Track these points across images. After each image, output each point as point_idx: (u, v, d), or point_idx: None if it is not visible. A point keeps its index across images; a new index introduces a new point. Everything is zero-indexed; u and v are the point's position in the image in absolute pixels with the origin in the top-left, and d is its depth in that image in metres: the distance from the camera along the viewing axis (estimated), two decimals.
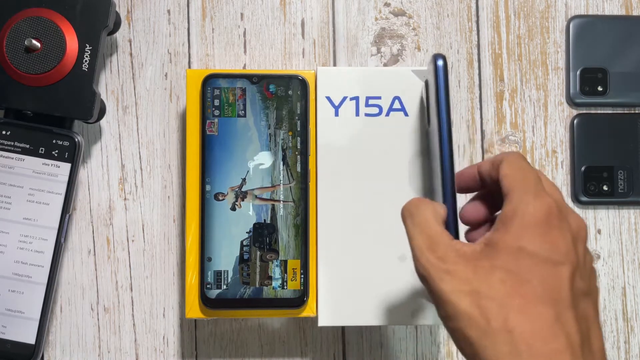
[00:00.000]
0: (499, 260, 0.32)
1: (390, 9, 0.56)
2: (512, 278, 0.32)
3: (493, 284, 0.32)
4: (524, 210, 0.33)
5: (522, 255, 0.32)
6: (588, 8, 0.57)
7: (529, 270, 0.32)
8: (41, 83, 0.49)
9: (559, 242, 0.33)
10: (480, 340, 0.31)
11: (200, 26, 0.56)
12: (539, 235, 0.32)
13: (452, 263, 0.33)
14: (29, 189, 0.50)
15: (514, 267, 0.32)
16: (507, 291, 0.31)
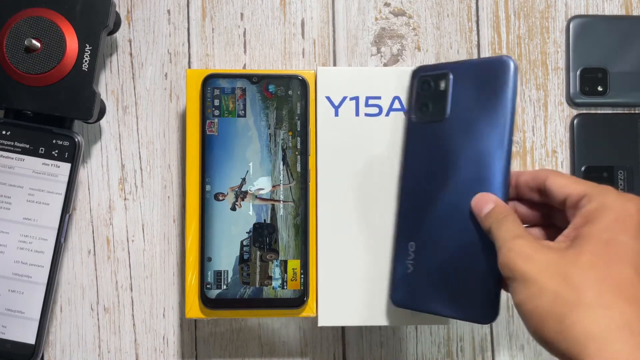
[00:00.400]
0: (588, 247, 0.32)
1: (390, 9, 0.56)
2: (603, 262, 0.32)
3: (583, 266, 0.32)
4: (615, 205, 0.34)
5: (613, 243, 0.32)
6: (588, 8, 0.57)
7: (621, 257, 0.32)
8: (41, 83, 0.49)
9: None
10: (572, 312, 0.30)
11: (200, 26, 0.56)
12: (632, 229, 0.33)
13: (537, 250, 0.33)
14: (29, 189, 0.50)
15: (605, 253, 0.32)
16: (599, 274, 0.31)
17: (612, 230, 0.33)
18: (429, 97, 0.45)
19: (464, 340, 0.55)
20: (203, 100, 0.48)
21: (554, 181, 0.37)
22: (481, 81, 0.42)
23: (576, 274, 0.31)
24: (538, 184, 0.39)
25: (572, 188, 0.36)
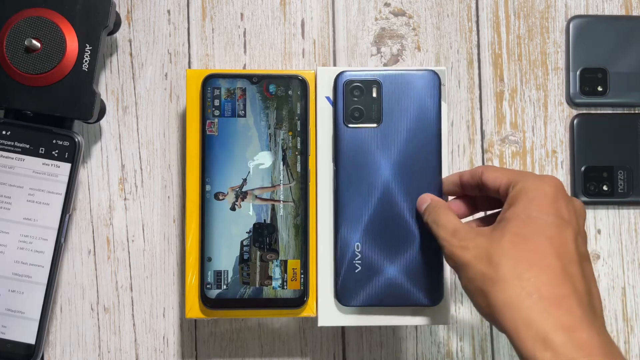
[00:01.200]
0: (508, 227, 0.37)
1: (390, 9, 0.56)
2: (520, 238, 0.36)
3: (503, 246, 0.36)
4: (532, 186, 0.38)
5: (530, 220, 0.36)
6: (588, 8, 0.57)
7: (536, 231, 0.36)
8: (41, 83, 0.49)
9: (563, 210, 0.37)
10: (492, 288, 0.35)
11: (200, 26, 0.56)
12: (545, 204, 0.37)
13: (471, 239, 0.38)
14: (29, 189, 0.50)
15: (522, 230, 0.36)
16: (517, 249, 0.35)
17: (529, 209, 0.37)
18: (361, 103, 0.47)
19: (464, 340, 0.55)
20: (203, 100, 0.48)
21: (488, 175, 0.41)
22: (409, 91, 0.48)
23: (497, 253, 0.36)
24: (476, 180, 0.42)
25: (501, 179, 0.40)
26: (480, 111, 0.56)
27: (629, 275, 0.56)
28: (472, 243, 0.38)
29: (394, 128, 0.47)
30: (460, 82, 0.56)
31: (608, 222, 0.56)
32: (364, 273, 0.47)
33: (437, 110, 0.47)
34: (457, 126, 0.56)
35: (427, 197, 0.45)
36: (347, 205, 0.47)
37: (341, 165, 0.47)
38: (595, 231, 0.56)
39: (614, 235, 0.56)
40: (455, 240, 0.39)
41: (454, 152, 0.55)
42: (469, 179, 0.43)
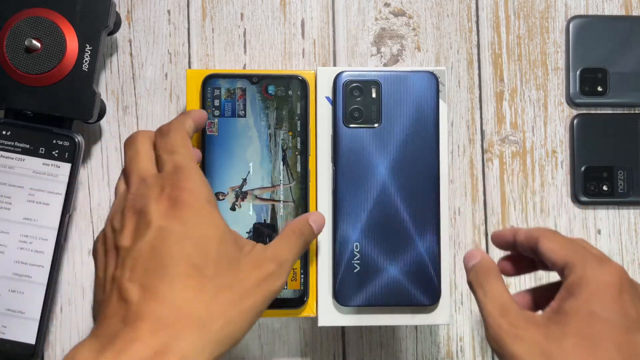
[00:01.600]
0: (571, 326, 0.32)
1: (390, 9, 0.56)
2: (586, 343, 0.32)
3: (566, 348, 0.32)
4: (593, 276, 0.33)
5: (594, 320, 0.32)
6: (588, 8, 0.57)
7: (603, 335, 0.32)
8: (41, 83, 0.49)
9: (629, 307, 0.33)
10: None
11: (200, 26, 0.56)
12: (610, 300, 0.33)
13: (523, 328, 0.33)
14: (29, 189, 0.50)
15: (587, 332, 0.32)
16: (582, 355, 0.31)
17: (591, 303, 0.33)
18: (361, 103, 0.47)
19: (464, 340, 0.55)
20: (203, 100, 0.48)
21: (545, 246, 0.36)
22: (408, 92, 0.47)
23: (560, 356, 0.32)
24: (531, 245, 0.38)
25: (557, 255, 0.36)
26: (480, 111, 0.56)
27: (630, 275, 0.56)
28: (526, 333, 0.33)
29: (394, 128, 0.47)
30: (460, 82, 0.56)
31: (608, 222, 0.56)
32: (363, 273, 0.47)
33: (435, 111, 0.47)
34: (457, 126, 0.56)
35: (477, 254, 0.39)
36: (346, 205, 0.47)
37: (340, 166, 0.47)
38: (595, 231, 0.56)
39: (614, 236, 0.56)
40: (505, 323, 0.34)
41: (454, 152, 0.55)
42: (523, 241, 0.38)
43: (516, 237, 0.39)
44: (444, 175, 0.48)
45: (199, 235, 0.35)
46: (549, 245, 0.36)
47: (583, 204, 0.56)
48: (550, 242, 0.36)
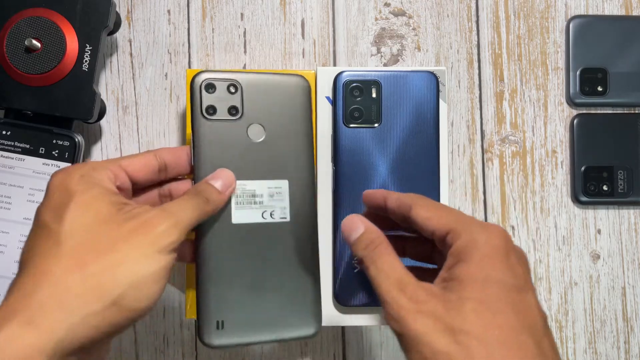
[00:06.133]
0: (467, 291, 0.31)
1: (390, 9, 0.56)
2: (485, 307, 0.31)
3: (466, 316, 0.31)
4: (481, 240, 0.33)
5: (489, 283, 0.32)
6: (588, 8, 0.57)
7: (499, 298, 0.31)
8: (41, 83, 0.49)
9: (517, 268, 0.33)
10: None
11: (200, 26, 0.56)
12: (500, 263, 0.32)
13: (424, 302, 0.32)
14: (29, 189, 0.50)
15: (483, 297, 0.31)
16: (483, 323, 0.31)
17: (483, 267, 0.32)
18: (361, 103, 0.48)
19: None
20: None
21: (418, 213, 0.35)
22: (408, 92, 0.48)
23: (462, 327, 0.30)
24: (403, 213, 0.36)
25: (436, 222, 0.34)
26: (480, 111, 0.56)
27: (629, 275, 0.56)
28: (427, 306, 0.32)
29: (394, 128, 0.47)
30: (460, 82, 0.56)
31: (608, 222, 0.56)
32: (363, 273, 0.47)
33: (436, 110, 0.47)
34: (457, 126, 0.56)
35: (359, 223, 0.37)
36: (346, 205, 0.47)
37: (340, 166, 0.47)
38: (595, 231, 0.56)
39: (614, 236, 0.56)
40: (405, 299, 0.32)
41: (454, 152, 0.55)
42: (394, 207, 0.37)
43: (387, 202, 0.38)
44: (444, 175, 0.48)
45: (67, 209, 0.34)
46: (423, 212, 0.35)
47: (583, 203, 0.56)
48: (427, 210, 0.35)
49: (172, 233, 0.34)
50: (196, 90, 0.41)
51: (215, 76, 0.41)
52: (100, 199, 0.34)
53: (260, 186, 0.41)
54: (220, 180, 0.39)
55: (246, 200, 0.41)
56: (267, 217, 0.41)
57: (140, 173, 0.39)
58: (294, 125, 0.42)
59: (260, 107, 0.42)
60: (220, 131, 0.41)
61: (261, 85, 0.42)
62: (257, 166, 0.41)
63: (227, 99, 0.41)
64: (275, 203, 0.41)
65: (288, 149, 0.42)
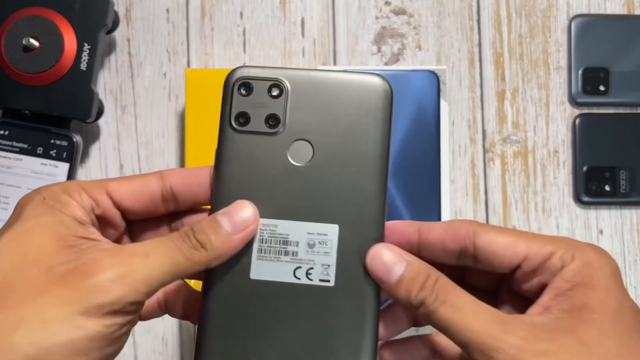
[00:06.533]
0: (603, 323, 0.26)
1: (391, 8, 0.56)
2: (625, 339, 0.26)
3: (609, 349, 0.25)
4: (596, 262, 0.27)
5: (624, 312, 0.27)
6: (590, 7, 0.57)
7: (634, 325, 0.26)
8: (39, 82, 0.49)
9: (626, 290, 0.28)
10: None
11: (199, 25, 0.55)
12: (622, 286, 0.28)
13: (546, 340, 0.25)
14: (26, 189, 0.49)
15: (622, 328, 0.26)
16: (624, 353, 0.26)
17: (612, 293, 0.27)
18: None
19: None
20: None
21: (492, 240, 0.28)
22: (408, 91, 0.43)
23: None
24: (461, 244, 0.28)
25: (526, 247, 0.28)
26: (481, 110, 0.56)
27: (631, 275, 0.55)
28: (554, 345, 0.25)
29: (394, 128, 0.47)
30: (462, 81, 0.56)
31: (610, 223, 0.56)
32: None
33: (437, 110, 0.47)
34: (458, 126, 0.55)
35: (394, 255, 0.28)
36: None
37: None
38: (597, 231, 0.56)
39: (616, 236, 0.56)
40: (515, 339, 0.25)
41: (455, 152, 0.55)
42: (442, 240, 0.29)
43: (427, 235, 0.29)
44: (445, 175, 0.47)
45: None
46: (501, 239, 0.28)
47: (585, 204, 0.55)
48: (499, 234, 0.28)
49: (114, 289, 0.25)
50: (227, 91, 0.31)
51: (255, 73, 0.31)
52: (48, 229, 0.26)
53: (296, 230, 0.30)
54: (231, 218, 0.28)
55: (274, 248, 0.30)
56: (302, 277, 0.29)
57: (132, 200, 0.29)
58: (358, 145, 0.30)
59: (310, 118, 0.31)
60: (251, 147, 0.30)
61: (317, 87, 0.31)
62: (296, 200, 0.30)
63: (266, 105, 0.31)
64: (316, 257, 0.29)
65: (344, 180, 0.30)
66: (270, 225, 0.30)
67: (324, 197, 0.30)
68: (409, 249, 0.29)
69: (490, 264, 0.28)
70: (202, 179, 0.31)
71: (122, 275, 0.25)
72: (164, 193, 0.30)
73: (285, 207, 0.30)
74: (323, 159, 0.30)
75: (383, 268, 0.28)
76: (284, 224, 0.30)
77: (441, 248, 0.29)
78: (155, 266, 0.26)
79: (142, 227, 0.31)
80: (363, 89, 0.31)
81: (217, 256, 0.28)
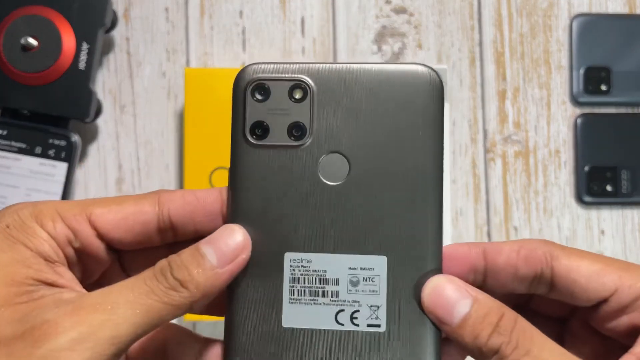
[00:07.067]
0: None
1: (391, 7, 0.56)
2: None
3: None
4: None
5: None
6: (591, 6, 0.56)
7: None
8: (38, 82, 0.49)
9: None
10: None
11: (198, 24, 0.55)
12: None
13: None
14: (25, 189, 0.49)
15: None
16: None
17: None
18: None
19: None
20: None
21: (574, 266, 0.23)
22: None
23: None
24: (536, 270, 0.24)
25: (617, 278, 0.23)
26: (482, 110, 0.55)
27: None
28: None
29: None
30: (462, 80, 0.55)
31: (611, 223, 0.55)
32: None
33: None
34: (459, 125, 0.55)
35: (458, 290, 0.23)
36: None
37: None
38: (599, 232, 0.55)
39: (617, 236, 0.55)
40: None
41: (456, 152, 0.55)
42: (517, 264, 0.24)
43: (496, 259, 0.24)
44: (446, 176, 0.47)
45: None
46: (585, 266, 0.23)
47: (586, 204, 0.55)
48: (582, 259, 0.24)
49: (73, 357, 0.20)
50: (238, 96, 0.26)
51: (271, 72, 0.25)
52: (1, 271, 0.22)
53: (335, 265, 0.25)
54: (218, 247, 0.23)
55: (309, 289, 0.25)
56: (345, 322, 0.24)
57: (122, 231, 0.24)
58: (405, 155, 0.25)
59: (343, 124, 0.25)
60: (272, 165, 0.25)
61: (348, 85, 0.25)
62: (333, 228, 0.25)
63: (288, 111, 0.25)
64: (361, 297, 0.24)
65: (390, 199, 0.25)
66: (303, 260, 0.24)
67: (366, 222, 0.24)
68: (474, 277, 0.24)
69: (571, 294, 0.24)
70: (209, 207, 0.25)
71: (82, 339, 0.20)
72: (161, 223, 0.25)
73: (319, 237, 0.24)
74: (362, 174, 0.25)
75: (443, 305, 0.23)
76: (320, 258, 0.25)
77: (512, 274, 0.24)
78: (123, 319, 0.21)
79: (136, 254, 0.26)
80: (407, 84, 0.25)
81: (202, 296, 0.23)
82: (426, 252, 0.24)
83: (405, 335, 0.24)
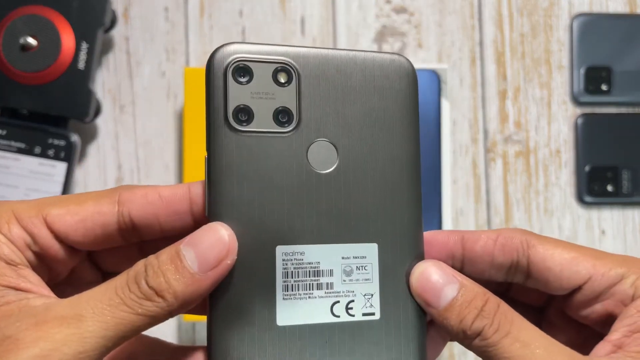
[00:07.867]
0: None
1: (392, 6, 0.56)
2: None
3: None
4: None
5: None
6: (592, 6, 0.56)
7: None
8: (37, 81, 0.49)
9: None
10: None
11: (198, 23, 0.55)
12: None
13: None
14: (24, 189, 0.49)
15: None
16: None
17: None
18: None
19: None
20: None
21: (549, 254, 0.24)
22: None
23: None
24: (512, 258, 0.24)
25: (591, 266, 0.24)
26: (483, 110, 0.55)
27: None
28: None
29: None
30: (463, 80, 0.55)
31: (612, 223, 0.55)
32: None
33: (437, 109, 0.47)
34: (460, 125, 0.55)
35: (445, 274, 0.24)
36: None
37: None
38: (600, 232, 0.55)
39: (618, 236, 0.55)
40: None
41: (456, 151, 0.55)
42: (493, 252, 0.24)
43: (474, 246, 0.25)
44: (447, 175, 0.47)
45: None
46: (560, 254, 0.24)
47: (587, 204, 0.55)
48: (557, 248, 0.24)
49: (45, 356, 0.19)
50: (217, 76, 0.24)
51: (253, 55, 0.24)
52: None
53: (329, 255, 0.24)
54: (199, 249, 0.21)
55: (304, 282, 0.23)
56: (341, 314, 0.24)
57: (80, 234, 0.23)
58: (390, 141, 0.25)
59: (330, 110, 0.24)
60: (258, 153, 0.23)
61: (333, 70, 0.24)
62: (324, 218, 0.24)
63: (273, 95, 0.24)
64: (356, 287, 0.24)
65: (378, 186, 0.24)
66: (296, 253, 0.23)
67: (357, 210, 0.24)
68: (452, 264, 0.25)
69: (546, 282, 0.24)
70: (175, 206, 0.23)
71: (44, 355, 0.19)
72: (121, 224, 0.23)
73: (311, 228, 0.23)
74: (350, 161, 0.24)
75: (431, 290, 0.23)
76: (313, 249, 0.23)
77: (488, 262, 0.25)
78: (91, 333, 0.19)
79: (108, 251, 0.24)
80: (391, 71, 0.25)
81: (180, 305, 0.21)
82: (410, 238, 0.24)
83: (398, 321, 0.24)
